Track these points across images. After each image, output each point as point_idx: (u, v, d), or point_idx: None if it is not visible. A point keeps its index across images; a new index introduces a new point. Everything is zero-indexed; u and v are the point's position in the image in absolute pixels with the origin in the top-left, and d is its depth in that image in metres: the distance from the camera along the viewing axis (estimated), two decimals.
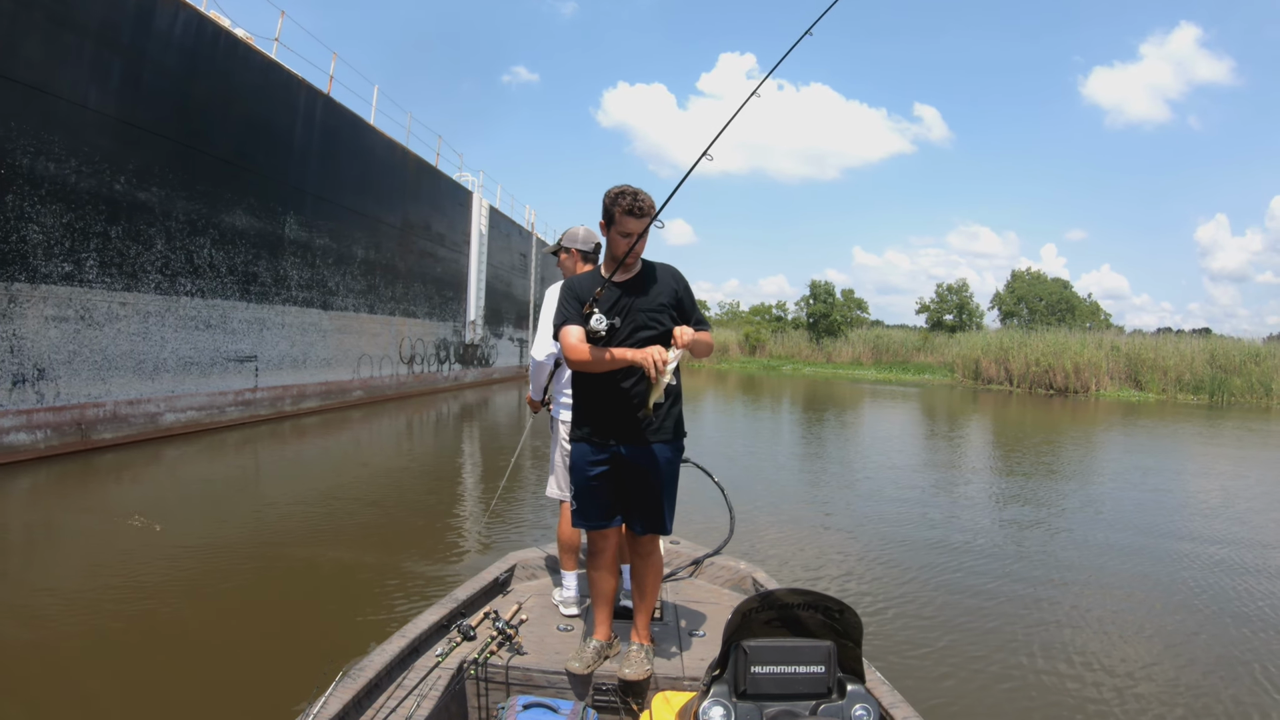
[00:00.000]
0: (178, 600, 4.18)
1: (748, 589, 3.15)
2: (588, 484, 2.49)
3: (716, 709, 1.71)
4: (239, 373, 11.16)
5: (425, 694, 2.21)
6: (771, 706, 1.71)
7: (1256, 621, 4.30)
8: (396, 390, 16.63)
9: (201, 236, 10.23)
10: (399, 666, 2.36)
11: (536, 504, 6.66)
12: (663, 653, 2.58)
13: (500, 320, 23.83)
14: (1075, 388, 27.50)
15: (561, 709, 2.22)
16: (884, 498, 7.63)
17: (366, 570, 4.76)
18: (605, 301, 2.37)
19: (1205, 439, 15.13)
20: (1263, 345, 29.74)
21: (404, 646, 2.42)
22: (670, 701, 2.13)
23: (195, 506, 6.65)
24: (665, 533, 2.55)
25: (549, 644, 2.61)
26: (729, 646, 1.77)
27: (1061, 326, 34.21)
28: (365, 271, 14.99)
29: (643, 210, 2.34)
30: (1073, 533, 6.41)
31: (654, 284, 2.45)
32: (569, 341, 2.35)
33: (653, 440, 2.44)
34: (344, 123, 13.95)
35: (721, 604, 3.02)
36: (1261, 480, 10.05)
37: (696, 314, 2.50)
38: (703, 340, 2.42)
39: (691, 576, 3.34)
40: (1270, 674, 3.58)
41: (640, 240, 2.37)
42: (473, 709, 2.42)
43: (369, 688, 2.18)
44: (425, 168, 17.76)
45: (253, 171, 11.27)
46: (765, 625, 1.78)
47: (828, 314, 41.29)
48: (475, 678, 2.41)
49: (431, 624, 2.61)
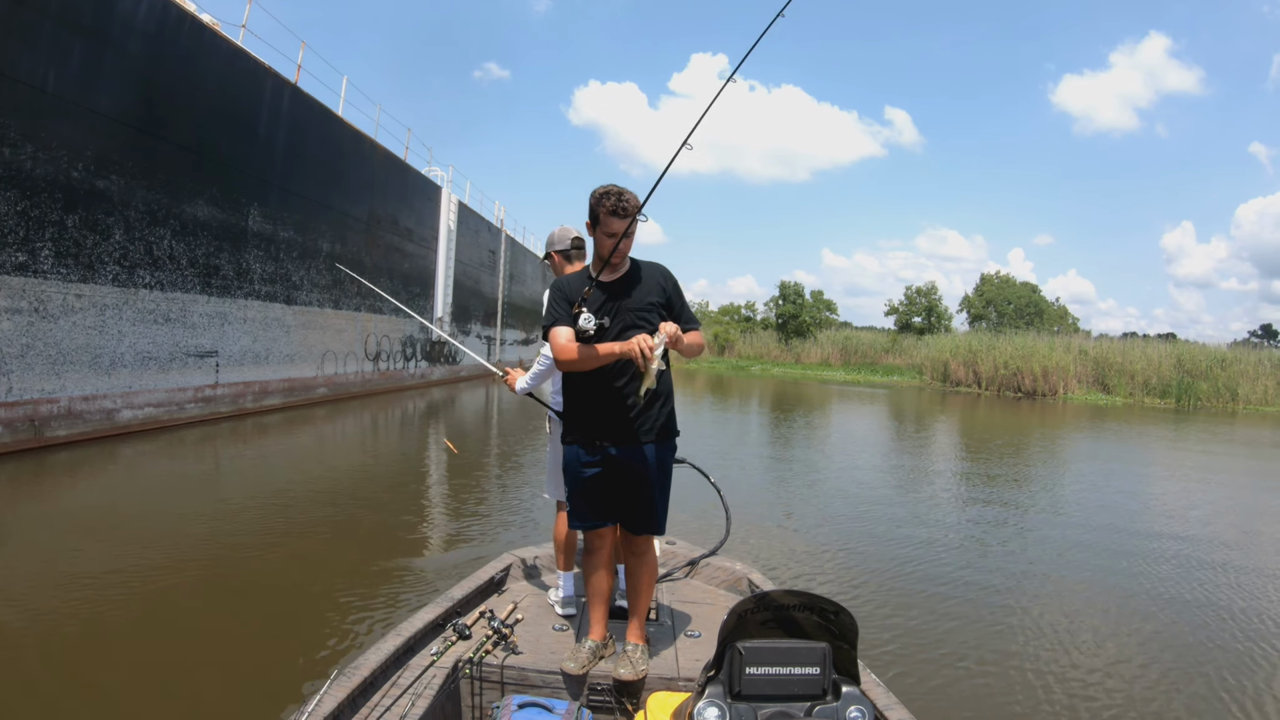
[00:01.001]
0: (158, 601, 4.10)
1: (743, 590, 3.15)
2: (581, 484, 2.50)
3: (711, 710, 1.71)
4: (199, 368, 10.84)
5: (420, 693, 2.21)
6: (766, 708, 1.71)
7: (1210, 608, 4.63)
8: (362, 388, 16.33)
9: (162, 227, 9.90)
10: (394, 665, 2.36)
11: (532, 503, 6.66)
12: (658, 653, 2.58)
13: (468, 317, 23.58)
14: (1043, 391, 27.72)
15: (556, 709, 2.23)
16: (849, 497, 7.84)
17: (334, 570, 4.74)
18: (594, 301, 2.39)
19: (1170, 442, 15.42)
20: (1228, 350, 30.05)
21: (399, 645, 2.41)
22: (665, 702, 2.12)
23: (158, 504, 6.48)
24: (658, 533, 2.56)
25: (544, 643, 2.61)
26: (724, 647, 1.76)
27: (1030, 330, 34.31)
28: (331, 266, 14.69)
29: (626, 210, 2.34)
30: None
31: (642, 283, 2.46)
32: (558, 342, 2.37)
33: (644, 441, 2.44)
34: (311, 113, 13.64)
35: (717, 605, 3.02)
36: (1223, 484, 10.41)
37: (687, 313, 2.51)
38: (692, 339, 2.42)
39: (687, 577, 3.33)
40: (1225, 661, 3.87)
41: (625, 240, 2.38)
42: (467, 708, 2.41)
43: (363, 686, 2.18)
44: (393, 161, 17.48)
45: (216, 161, 10.94)
46: (761, 626, 1.78)
47: (797, 315, 41.40)
48: (470, 677, 2.40)
49: (427, 623, 2.61)
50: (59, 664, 3.32)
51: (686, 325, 2.43)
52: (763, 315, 44.62)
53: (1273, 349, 33.05)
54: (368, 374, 16.68)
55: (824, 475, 9.43)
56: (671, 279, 2.52)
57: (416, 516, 6.55)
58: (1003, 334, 32.62)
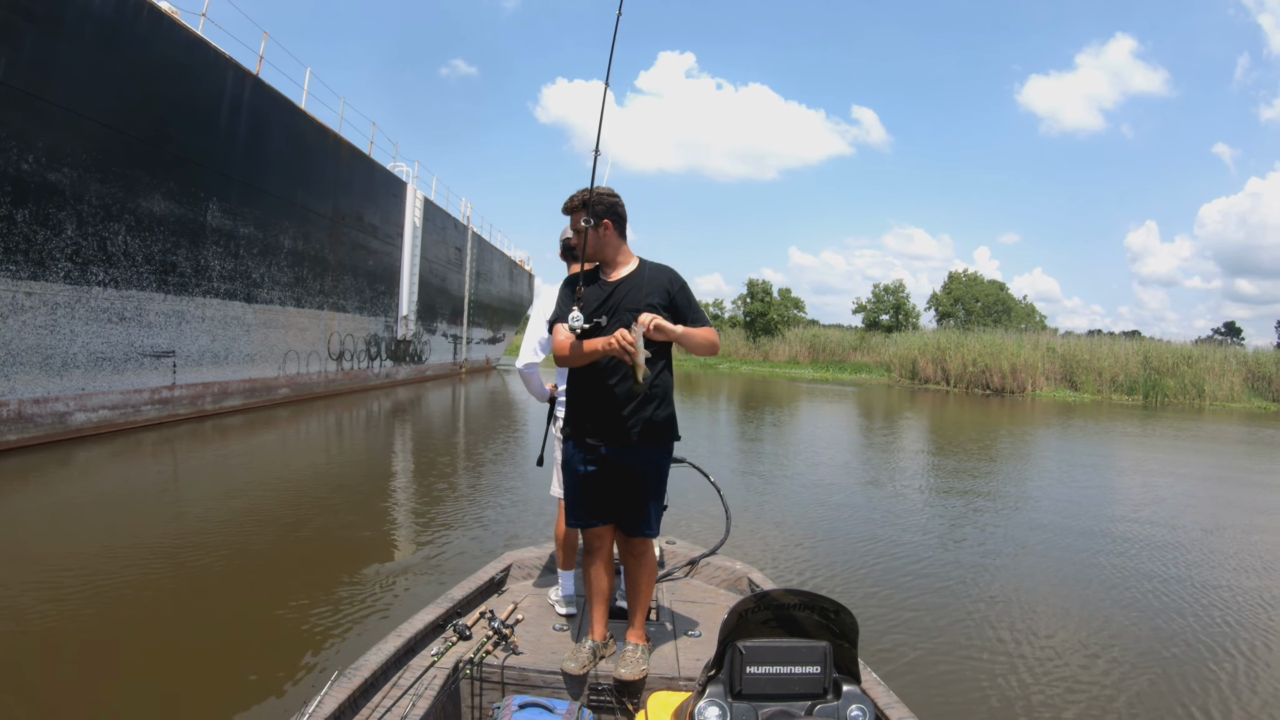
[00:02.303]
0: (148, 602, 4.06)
1: (743, 589, 3.15)
2: (578, 483, 2.51)
3: (712, 709, 1.71)
4: (155, 369, 10.47)
5: (421, 694, 2.21)
6: (767, 707, 1.71)
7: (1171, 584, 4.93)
8: (325, 388, 15.97)
9: (116, 222, 9.52)
10: (394, 666, 2.36)
11: (532, 503, 6.64)
12: (658, 653, 2.58)
13: (434, 316, 23.23)
14: (1012, 388, 27.87)
15: (557, 709, 2.24)
16: (825, 489, 8.06)
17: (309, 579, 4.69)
18: (594, 300, 2.44)
19: (1137, 439, 15.77)
20: (1194, 348, 30.34)
21: (399, 646, 2.41)
22: (666, 702, 2.12)
23: (116, 510, 6.26)
24: (650, 535, 2.54)
25: (545, 644, 2.62)
26: (725, 647, 1.76)
27: (998, 328, 34.19)
28: (293, 263, 14.32)
29: (569, 208, 2.48)
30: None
31: (644, 284, 2.46)
32: (557, 337, 2.44)
33: (637, 442, 2.43)
34: (273, 106, 13.27)
35: (717, 604, 3.02)
36: (1187, 477, 10.83)
37: (695, 313, 2.49)
38: (696, 335, 2.42)
39: (687, 576, 3.33)
40: (1179, 642, 4.15)
41: (588, 236, 2.44)
42: (468, 709, 2.41)
43: (364, 687, 2.18)
44: (358, 156, 17.10)
45: (174, 154, 10.57)
46: (761, 625, 1.78)
47: (765, 313, 41.33)
48: (471, 677, 2.40)
49: (427, 623, 2.60)
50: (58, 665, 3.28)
51: (694, 324, 2.46)
52: (731, 313, 44.71)
53: (1236, 346, 33.88)
54: (331, 374, 16.31)
55: (793, 472, 9.64)
56: (678, 280, 2.51)
57: (395, 519, 6.48)
58: (971, 332, 32.60)
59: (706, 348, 2.47)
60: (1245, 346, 33.71)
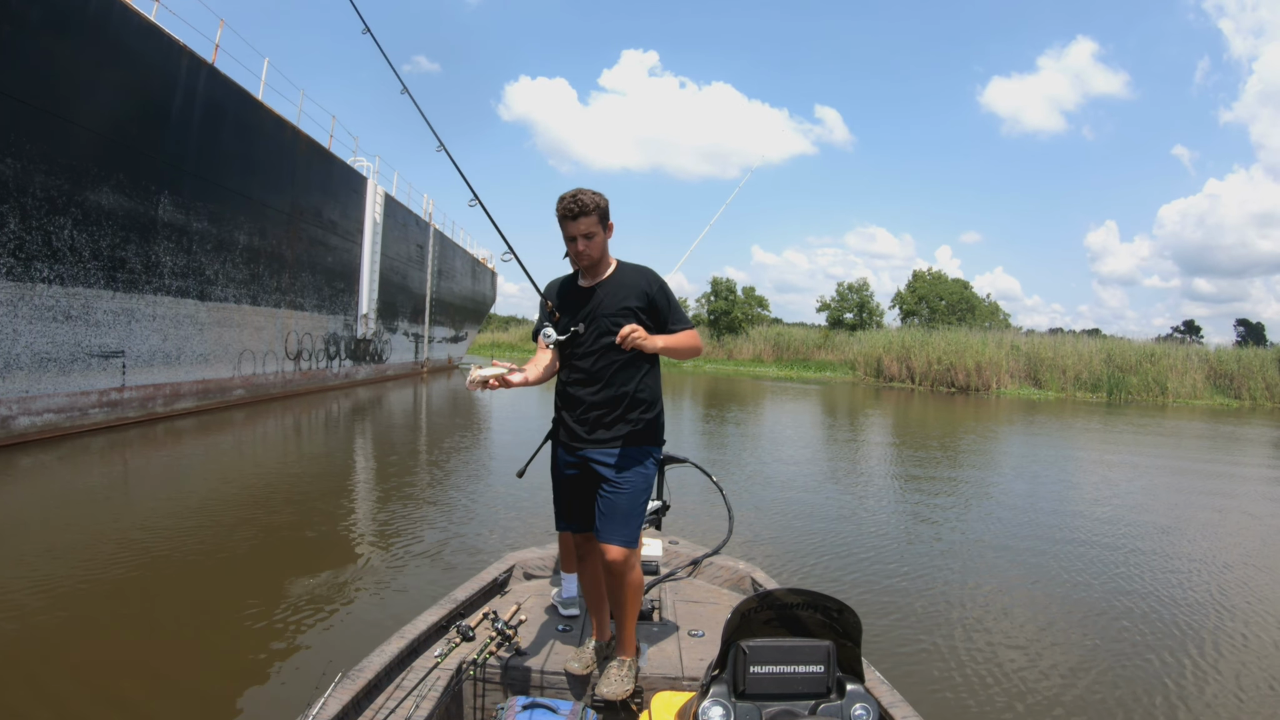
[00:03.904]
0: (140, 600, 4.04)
1: (746, 589, 3.15)
2: (560, 485, 2.48)
3: (716, 709, 1.70)
4: (104, 370, 10.00)
5: (424, 695, 2.21)
6: (771, 706, 1.71)
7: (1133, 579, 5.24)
8: (282, 388, 15.50)
9: (62, 216, 9.06)
10: (398, 667, 2.36)
11: (534, 504, 6.59)
12: (661, 652, 2.57)
13: (395, 314, 22.75)
14: (977, 385, 28.12)
15: (560, 709, 2.24)
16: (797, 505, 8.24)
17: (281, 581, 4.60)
18: (572, 306, 2.41)
19: (1101, 435, 16.04)
20: (1157, 346, 30.94)
21: (403, 647, 2.41)
22: (669, 701, 2.12)
23: (72, 516, 5.98)
24: (624, 544, 2.34)
25: (548, 644, 2.62)
26: (728, 646, 1.76)
27: (962, 326, 34.54)
28: (248, 259, 13.85)
29: (575, 210, 2.29)
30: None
31: (621, 288, 2.38)
32: (540, 350, 2.47)
33: (620, 445, 2.36)
34: (229, 96, 12.79)
35: (720, 604, 3.01)
36: (1148, 470, 11.38)
37: (676, 314, 2.43)
38: (677, 340, 2.37)
39: (690, 576, 3.32)
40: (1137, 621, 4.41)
41: (585, 242, 2.32)
42: (472, 710, 2.41)
43: (368, 689, 2.18)
44: (317, 150, 16.63)
45: (124, 144, 10.11)
46: (764, 625, 1.78)
47: (729, 311, 41.31)
48: (474, 678, 2.40)
49: (430, 625, 2.60)
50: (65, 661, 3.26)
51: (674, 327, 2.41)
52: (694, 311, 44.57)
53: (1197, 344, 34.93)
54: (289, 374, 15.84)
55: (779, 471, 9.81)
56: (657, 281, 2.42)
57: (395, 518, 6.38)
58: (936, 330, 32.89)
59: (690, 354, 2.43)
60: (1205, 344, 34.65)
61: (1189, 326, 48.92)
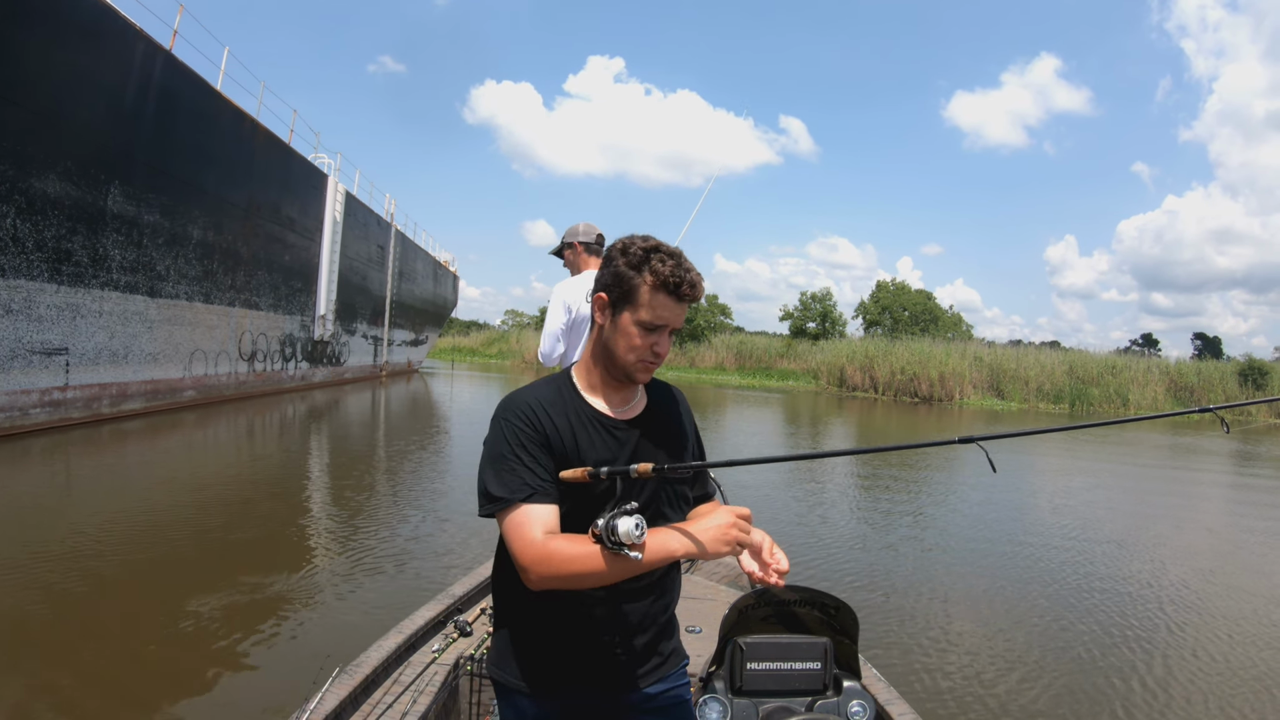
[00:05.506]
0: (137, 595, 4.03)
1: (744, 585, 3.16)
2: None
3: (713, 705, 1.70)
4: (46, 368, 9.41)
5: (421, 690, 2.22)
6: (768, 703, 1.71)
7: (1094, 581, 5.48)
8: (236, 390, 14.88)
9: (4, 204, 8.52)
10: (395, 662, 2.36)
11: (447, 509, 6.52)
12: None
13: (354, 316, 22.13)
14: (940, 396, 28.28)
15: None
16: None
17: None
18: (602, 451, 1.33)
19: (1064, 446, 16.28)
20: (1118, 358, 31.33)
21: (400, 643, 2.41)
22: None
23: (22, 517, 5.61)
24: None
25: None
26: (725, 643, 1.76)
27: (925, 336, 34.45)
28: (202, 255, 13.28)
29: (691, 295, 1.36)
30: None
31: (668, 426, 1.46)
32: (535, 552, 1.20)
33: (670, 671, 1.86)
34: (186, 84, 12.26)
35: (718, 600, 3.02)
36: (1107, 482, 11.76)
37: (706, 473, 1.55)
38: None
39: (687, 573, 3.31)
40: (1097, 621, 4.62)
41: (668, 342, 1.39)
42: (469, 705, 2.42)
43: (365, 684, 2.18)
44: (276, 144, 16.09)
45: (72, 131, 9.58)
46: (761, 622, 1.77)
47: (692, 319, 40.88)
48: (471, 674, 2.40)
49: (428, 620, 2.60)
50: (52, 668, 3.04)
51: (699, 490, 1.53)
52: None
53: (1155, 356, 36.08)
54: (242, 375, 15.22)
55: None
56: (688, 406, 1.59)
57: (392, 519, 6.18)
58: (899, 340, 32.89)
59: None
60: (1165, 357, 35.75)
61: (1147, 340, 48.90)
